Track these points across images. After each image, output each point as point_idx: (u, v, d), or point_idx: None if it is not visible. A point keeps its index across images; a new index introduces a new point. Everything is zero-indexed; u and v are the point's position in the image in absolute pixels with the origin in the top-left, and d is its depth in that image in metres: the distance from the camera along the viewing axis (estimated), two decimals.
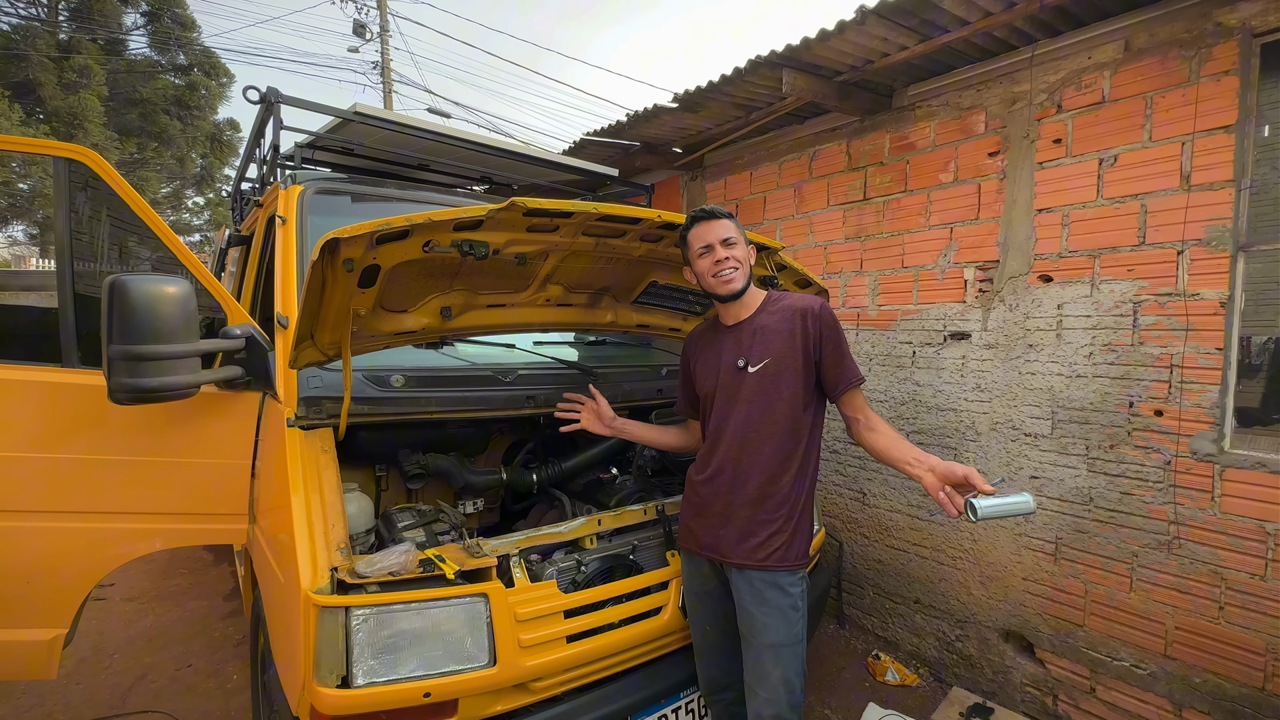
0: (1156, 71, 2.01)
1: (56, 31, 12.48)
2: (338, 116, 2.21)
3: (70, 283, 1.63)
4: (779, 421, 1.50)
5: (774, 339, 1.52)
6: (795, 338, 1.51)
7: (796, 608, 1.48)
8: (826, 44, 2.35)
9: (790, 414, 1.50)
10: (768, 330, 1.54)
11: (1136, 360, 2.07)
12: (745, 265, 1.55)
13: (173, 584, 3.39)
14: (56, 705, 2.29)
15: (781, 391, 1.50)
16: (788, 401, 1.50)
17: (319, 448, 1.53)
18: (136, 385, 1.37)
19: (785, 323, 1.52)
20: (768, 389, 1.51)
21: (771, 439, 1.50)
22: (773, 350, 1.52)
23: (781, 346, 1.51)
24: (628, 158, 3.73)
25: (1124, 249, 2.09)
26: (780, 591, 1.47)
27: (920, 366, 2.71)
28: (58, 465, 1.67)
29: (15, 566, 1.66)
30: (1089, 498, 2.19)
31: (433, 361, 1.94)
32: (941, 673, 2.66)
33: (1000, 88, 2.42)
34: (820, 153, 3.11)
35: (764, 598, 1.48)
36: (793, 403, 1.50)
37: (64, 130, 11.57)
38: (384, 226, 1.29)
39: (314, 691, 1.25)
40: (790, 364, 1.51)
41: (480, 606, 1.39)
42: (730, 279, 1.52)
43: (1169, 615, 2.01)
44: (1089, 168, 2.17)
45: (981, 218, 2.48)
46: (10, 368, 1.64)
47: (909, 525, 2.77)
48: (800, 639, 1.48)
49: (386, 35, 12.33)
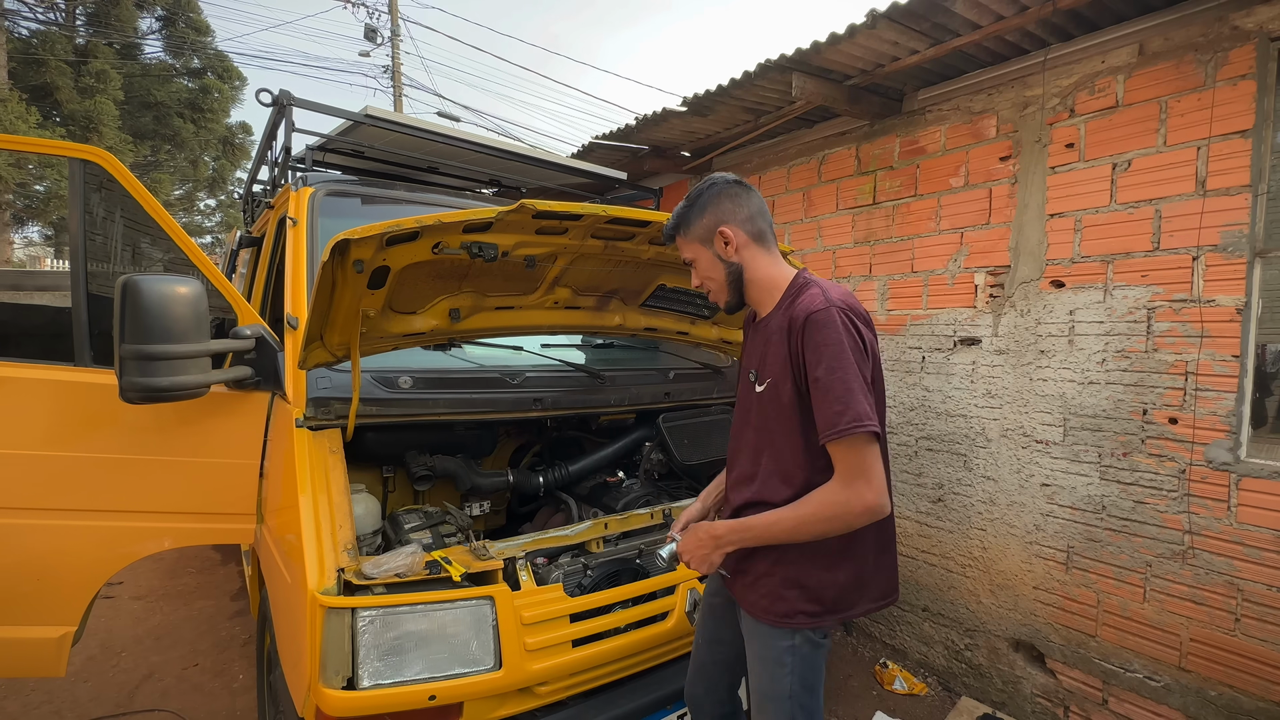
0: (1171, 76, 1.99)
1: (74, 36, 12.67)
2: (349, 119, 2.22)
3: (84, 282, 1.64)
4: (784, 462, 1.20)
5: (775, 353, 1.21)
6: (786, 361, 1.17)
7: (782, 664, 1.21)
8: (837, 48, 2.34)
9: (794, 457, 1.18)
10: (774, 338, 1.21)
11: (1150, 367, 2.04)
12: (720, 279, 1.28)
13: (180, 583, 3.40)
14: (64, 703, 2.30)
15: (783, 424, 1.20)
16: (787, 438, 1.19)
17: (327, 448, 1.53)
18: (148, 384, 1.38)
19: (781, 333, 1.19)
20: (770, 419, 1.22)
21: (774, 476, 1.21)
22: (773, 369, 1.21)
23: (778, 367, 1.20)
24: (636, 161, 3.74)
25: (1138, 254, 2.07)
26: (762, 642, 1.24)
27: (929, 372, 2.69)
28: (69, 463, 1.68)
29: (26, 564, 1.67)
30: (1101, 506, 2.16)
31: (441, 363, 1.94)
32: (950, 682, 2.62)
33: (1012, 92, 2.40)
34: (829, 157, 3.10)
35: (751, 641, 1.28)
36: (791, 442, 1.18)
37: (79, 133, 11.73)
38: (394, 228, 1.29)
39: (319, 693, 1.25)
40: (784, 391, 1.18)
41: (486, 609, 1.39)
42: (716, 298, 1.32)
43: (1183, 626, 1.98)
44: (1102, 172, 2.15)
45: (992, 222, 2.46)
46: (24, 366, 1.65)
47: (917, 532, 2.74)
48: (788, 694, 1.21)
49: (397, 40, 12.44)
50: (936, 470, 2.66)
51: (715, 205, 1.25)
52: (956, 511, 2.59)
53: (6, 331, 2.40)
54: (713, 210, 1.25)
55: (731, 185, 1.26)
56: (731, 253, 1.25)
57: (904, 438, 2.79)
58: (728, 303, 1.31)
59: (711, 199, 1.26)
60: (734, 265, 1.26)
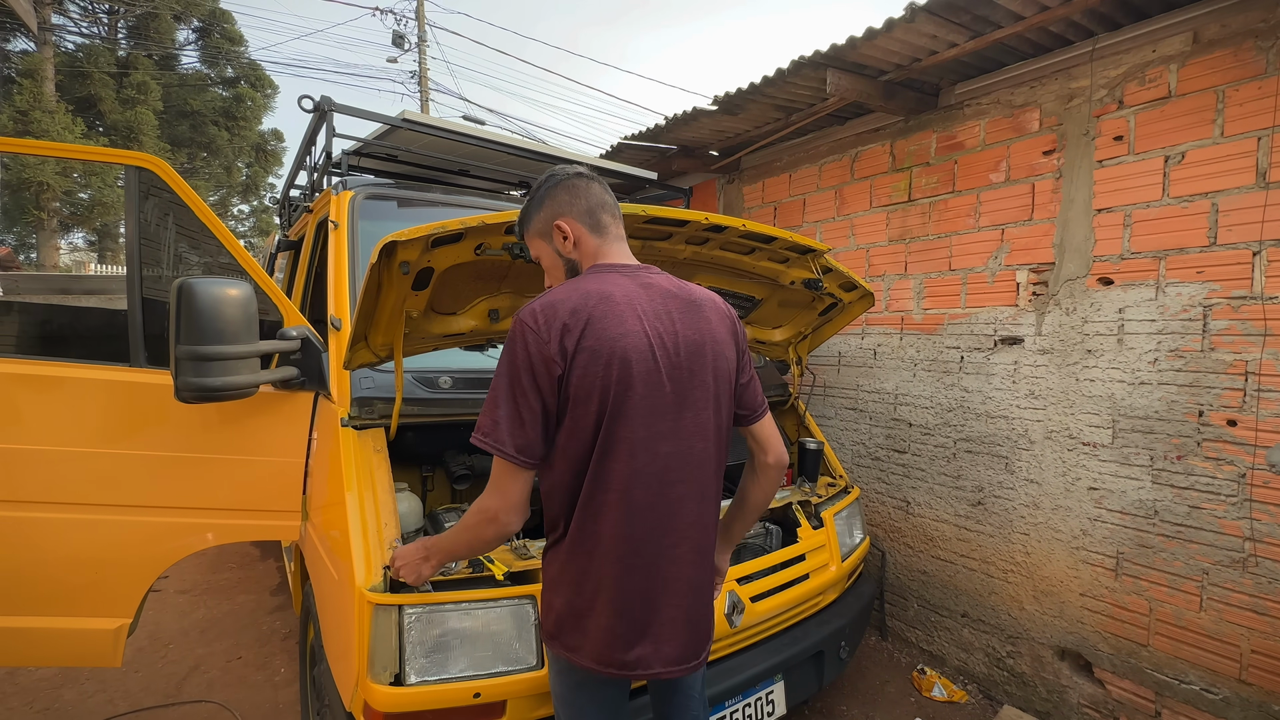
0: (1229, 63, 1.91)
1: (116, 49, 13.16)
2: (387, 124, 2.26)
3: (139, 286, 1.70)
4: None
5: None
6: None
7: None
8: (873, 43, 2.30)
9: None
10: None
11: (1207, 367, 1.96)
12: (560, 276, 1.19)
13: (222, 578, 3.50)
14: (117, 692, 2.38)
15: None
16: None
17: (371, 447, 1.55)
18: (202, 385, 1.41)
19: None
20: None
21: None
22: None
23: None
24: (665, 161, 3.73)
25: (1192, 250, 1.99)
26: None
27: (968, 372, 2.63)
28: (124, 460, 1.74)
29: (83, 557, 1.73)
30: (1154, 511, 2.08)
31: (478, 363, 1.96)
32: (992, 690, 2.56)
33: (1056, 84, 2.34)
34: (863, 154, 3.05)
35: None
36: None
37: (121, 142, 12.19)
38: (439, 230, 1.30)
39: (368, 688, 1.26)
40: None
41: (528, 608, 1.40)
42: None
43: (1244, 637, 1.90)
44: (1153, 165, 2.07)
45: (1035, 218, 2.40)
46: (82, 367, 1.71)
47: (956, 536, 2.68)
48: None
49: (424, 45, 12.63)
50: (976, 473, 2.60)
51: (551, 200, 1.17)
52: (997, 515, 2.53)
53: (63, 333, 2.49)
54: (549, 204, 1.17)
55: (571, 177, 1.18)
56: (569, 248, 1.16)
57: (942, 439, 2.73)
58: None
59: (549, 191, 1.17)
60: (571, 261, 1.17)
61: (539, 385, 1.02)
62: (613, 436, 1.04)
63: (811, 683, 1.95)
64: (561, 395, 1.03)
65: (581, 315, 1.02)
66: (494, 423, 1.03)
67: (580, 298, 1.05)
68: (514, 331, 1.04)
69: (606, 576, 1.06)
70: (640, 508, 1.06)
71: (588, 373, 1.01)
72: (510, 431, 1.02)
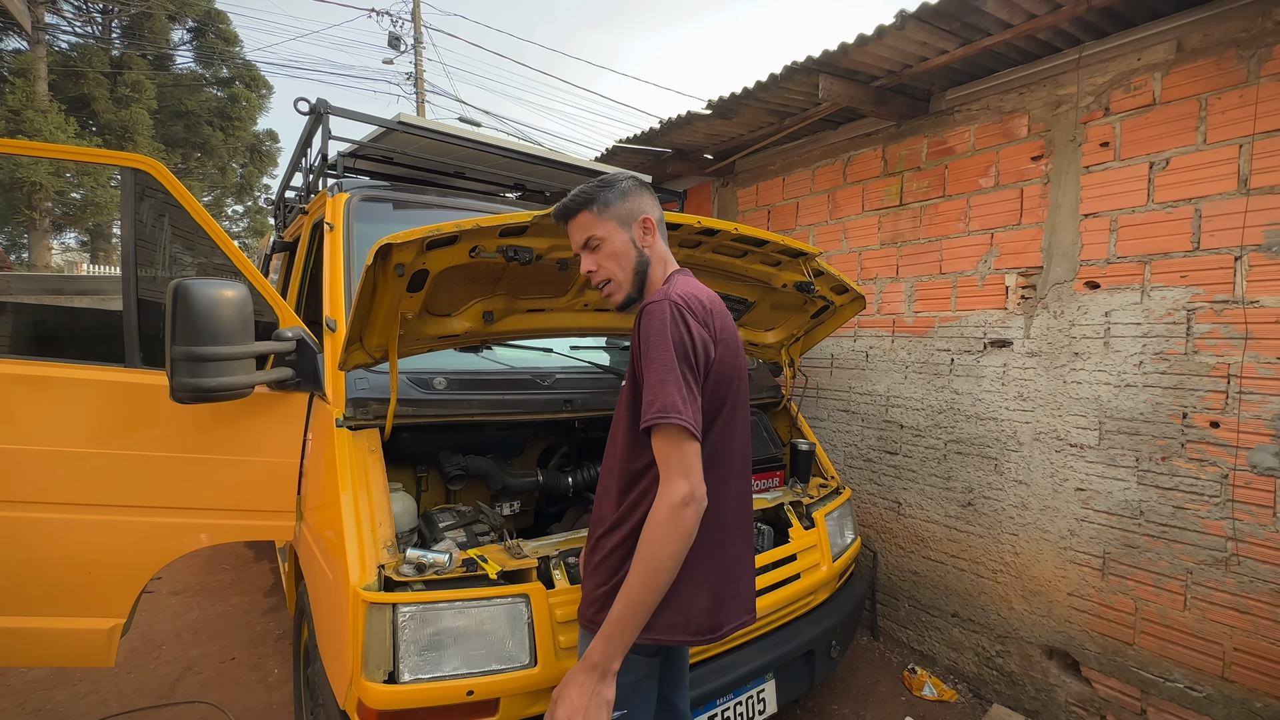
0: (1212, 72, 1.95)
1: (110, 49, 13.10)
2: (382, 126, 2.27)
3: (134, 287, 1.70)
4: (614, 460, 1.21)
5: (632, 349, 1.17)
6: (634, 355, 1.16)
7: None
8: (864, 49, 2.34)
9: (624, 455, 1.18)
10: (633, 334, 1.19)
11: (1190, 370, 1.99)
12: (629, 267, 1.21)
13: (215, 579, 3.49)
14: (110, 693, 2.38)
15: (620, 425, 1.21)
16: (621, 439, 1.19)
17: (366, 448, 1.56)
18: (197, 385, 1.43)
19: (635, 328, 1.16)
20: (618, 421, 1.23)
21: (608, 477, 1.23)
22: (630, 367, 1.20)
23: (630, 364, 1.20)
24: (659, 164, 3.75)
25: (1177, 255, 2.02)
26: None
27: (958, 374, 2.66)
28: (118, 461, 1.74)
29: (77, 557, 1.73)
30: (1139, 511, 2.11)
31: (473, 365, 1.97)
32: (981, 689, 2.58)
33: (1044, 91, 2.37)
34: (855, 158, 3.09)
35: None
36: (622, 443, 1.18)
37: (115, 142, 12.13)
38: (435, 232, 1.32)
39: (362, 686, 1.28)
40: (630, 385, 1.18)
41: (521, 607, 1.41)
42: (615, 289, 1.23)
43: (1227, 635, 1.93)
44: (1138, 171, 2.11)
45: (1024, 223, 2.43)
46: (78, 367, 1.72)
47: (946, 536, 2.71)
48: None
49: (420, 47, 12.63)
50: (966, 474, 2.63)
51: (637, 195, 1.23)
52: (987, 516, 2.56)
53: (58, 333, 2.49)
54: (635, 198, 1.23)
55: (647, 185, 1.29)
56: (649, 242, 1.23)
57: (932, 441, 2.76)
58: (627, 295, 1.23)
59: (632, 187, 1.24)
60: (645, 256, 1.23)
61: (698, 365, 1.09)
62: (731, 421, 1.18)
63: (803, 681, 1.97)
64: (706, 378, 1.12)
65: (710, 310, 1.15)
66: (679, 401, 1.02)
67: (703, 293, 1.17)
68: (669, 315, 1.07)
69: (713, 544, 1.14)
70: (743, 478, 1.23)
71: (723, 361, 1.14)
72: (691, 408, 1.05)
